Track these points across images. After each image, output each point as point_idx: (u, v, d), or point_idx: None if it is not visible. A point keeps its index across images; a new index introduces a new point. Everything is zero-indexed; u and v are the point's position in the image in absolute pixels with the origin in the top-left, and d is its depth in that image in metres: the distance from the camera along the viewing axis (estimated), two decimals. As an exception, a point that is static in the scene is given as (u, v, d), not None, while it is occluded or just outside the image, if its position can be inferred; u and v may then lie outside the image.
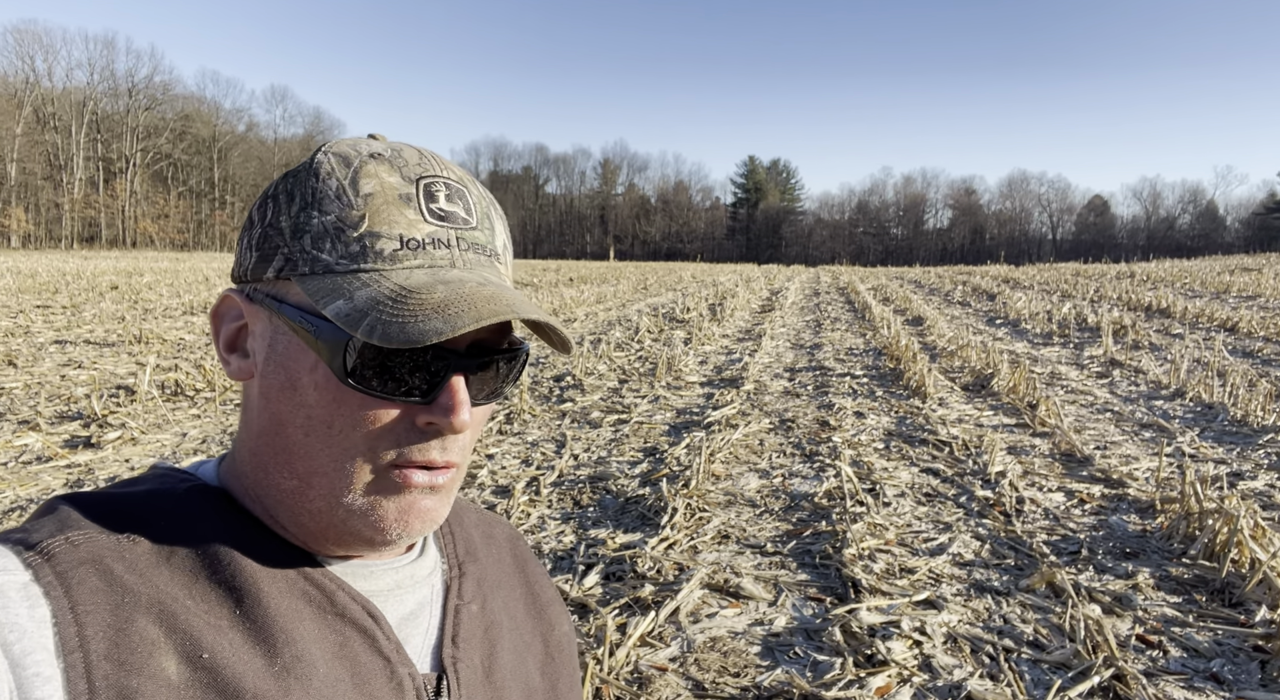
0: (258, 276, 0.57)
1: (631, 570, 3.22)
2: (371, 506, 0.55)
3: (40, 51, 70.63)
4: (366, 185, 0.55)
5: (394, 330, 0.50)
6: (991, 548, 3.54)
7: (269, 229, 0.56)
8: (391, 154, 0.57)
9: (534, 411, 6.02)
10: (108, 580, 0.48)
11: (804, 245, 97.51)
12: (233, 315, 0.59)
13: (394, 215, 0.55)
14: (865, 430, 5.67)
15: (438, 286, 0.53)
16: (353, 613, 0.57)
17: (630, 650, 2.61)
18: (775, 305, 16.24)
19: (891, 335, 9.88)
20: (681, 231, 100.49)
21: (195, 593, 0.51)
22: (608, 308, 15.65)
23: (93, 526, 0.51)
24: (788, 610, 2.95)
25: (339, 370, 0.53)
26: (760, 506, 4.08)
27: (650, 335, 10.78)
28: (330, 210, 0.55)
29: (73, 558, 0.48)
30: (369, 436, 0.55)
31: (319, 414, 0.54)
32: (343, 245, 0.54)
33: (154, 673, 0.47)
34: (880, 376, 7.86)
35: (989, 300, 17.15)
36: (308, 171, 0.56)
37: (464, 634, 0.65)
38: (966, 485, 4.40)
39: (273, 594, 0.54)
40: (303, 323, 0.54)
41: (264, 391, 0.56)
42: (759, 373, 8.02)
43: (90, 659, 0.45)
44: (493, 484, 4.33)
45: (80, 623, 0.46)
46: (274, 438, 0.56)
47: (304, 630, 0.54)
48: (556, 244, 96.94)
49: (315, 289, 0.54)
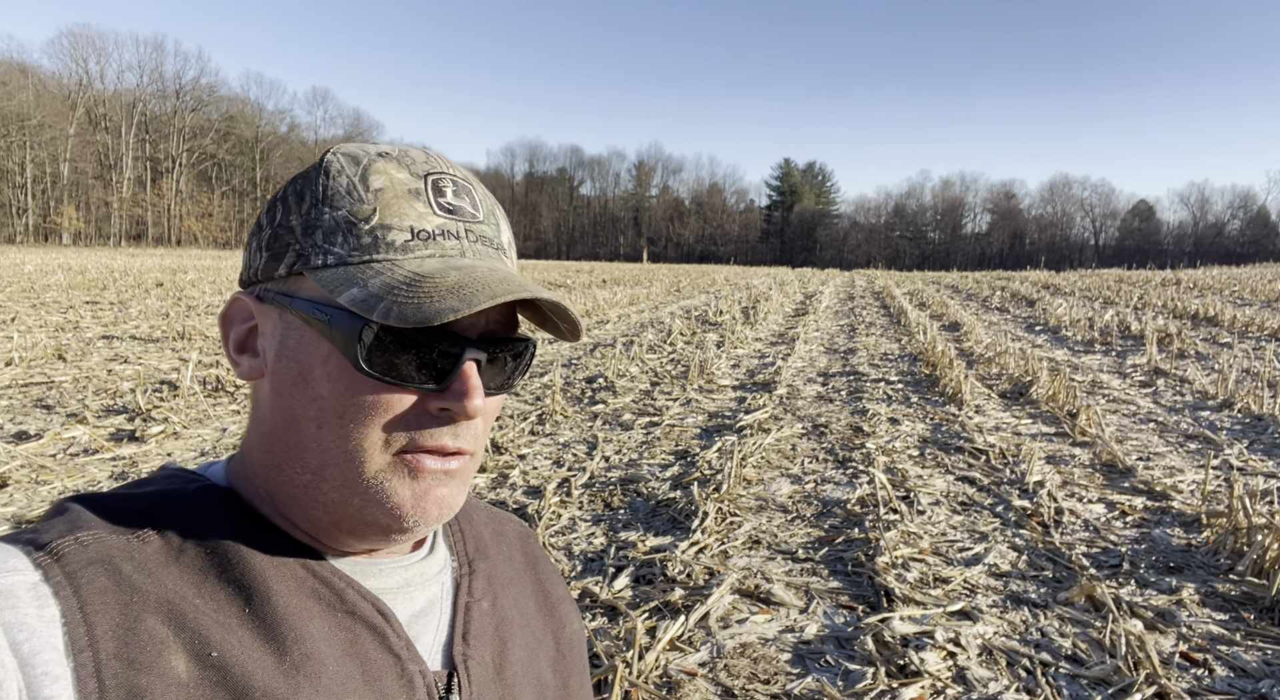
0: (268, 275, 0.58)
1: (662, 574, 3.21)
2: (386, 494, 0.56)
3: (93, 54, 72.80)
4: (376, 181, 0.56)
5: (409, 310, 0.51)
6: (1029, 559, 3.47)
7: (279, 229, 0.57)
8: (399, 153, 0.59)
9: (566, 413, 6.04)
10: (116, 580, 0.48)
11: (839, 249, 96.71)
12: (242, 317, 0.60)
13: (404, 208, 0.56)
14: (899, 437, 5.59)
15: (450, 271, 0.54)
16: (362, 610, 0.57)
17: (659, 654, 2.60)
18: (809, 309, 16.12)
19: (927, 341, 9.75)
20: (715, 234, 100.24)
21: (204, 592, 0.52)
22: (640, 310, 15.66)
23: (102, 527, 0.52)
24: (819, 618, 2.92)
25: (354, 358, 0.54)
26: (792, 512, 4.04)
27: (683, 338, 10.76)
28: (341, 206, 0.55)
29: (82, 558, 0.48)
30: (382, 425, 0.55)
31: (331, 405, 0.55)
32: (354, 238, 0.55)
33: (163, 671, 0.47)
34: (915, 382, 7.76)
35: (1028, 306, 16.85)
36: (317, 171, 0.57)
37: (475, 631, 0.65)
38: (1003, 494, 4.32)
39: (281, 592, 0.54)
40: (316, 314, 0.54)
41: (275, 388, 0.57)
42: (792, 377, 7.97)
43: (100, 658, 0.45)
44: (524, 484, 4.35)
45: (89, 622, 0.46)
46: (286, 433, 0.56)
47: (313, 628, 0.54)
48: (590, 246, 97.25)
49: (329, 280, 0.54)
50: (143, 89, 74.58)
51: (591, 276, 29.28)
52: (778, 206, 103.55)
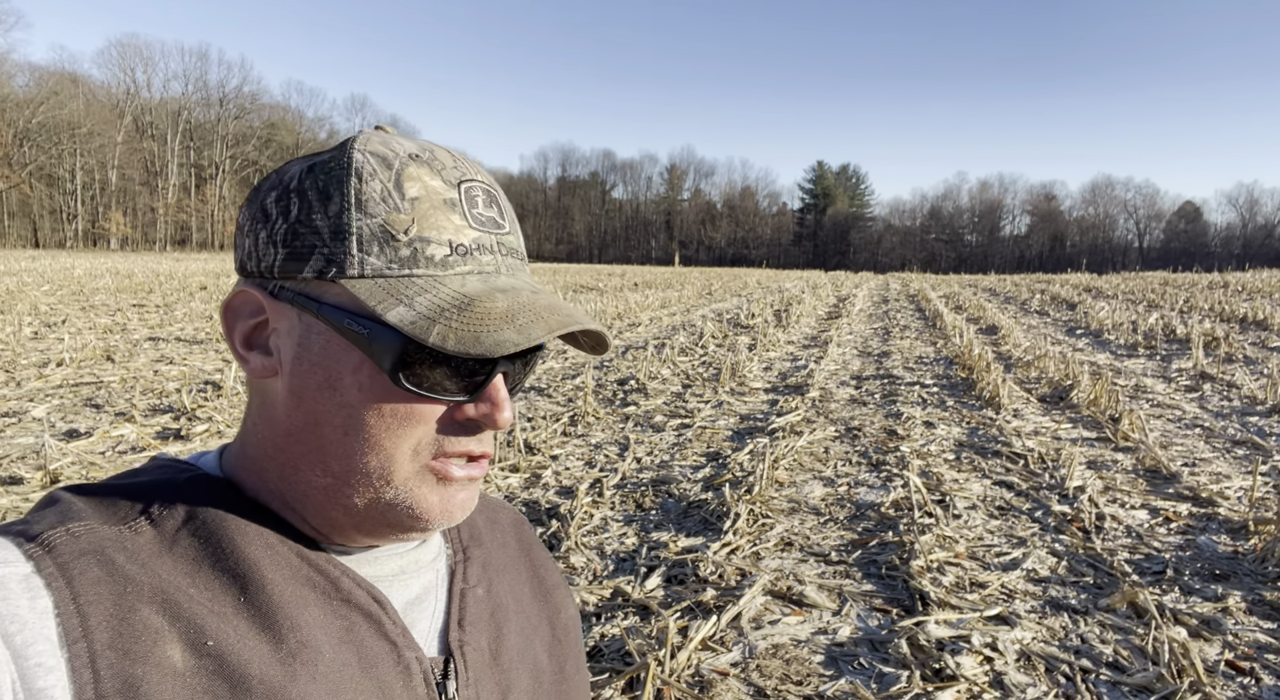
0: (288, 274, 0.55)
1: (693, 574, 3.21)
2: (415, 501, 0.56)
3: (140, 64, 74.89)
4: (411, 189, 0.55)
5: (467, 339, 0.52)
6: (1069, 564, 3.41)
7: (298, 226, 0.55)
8: (428, 156, 0.57)
9: (597, 414, 6.06)
10: (109, 570, 0.48)
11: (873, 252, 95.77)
12: (249, 311, 0.58)
13: (441, 221, 0.55)
14: (935, 440, 5.52)
15: (496, 295, 0.55)
16: (358, 598, 0.57)
17: (692, 653, 2.60)
18: (842, 312, 15.99)
19: (964, 344, 9.61)
20: (747, 237, 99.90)
21: (198, 581, 0.51)
22: (672, 312, 15.66)
23: (94, 517, 0.51)
24: (852, 620, 2.90)
25: (393, 373, 0.53)
26: (825, 515, 4.02)
27: (714, 340, 10.74)
28: (376, 213, 0.54)
29: (74, 549, 0.48)
30: (413, 434, 0.55)
31: (361, 413, 0.54)
32: (392, 250, 0.54)
33: (159, 661, 0.47)
34: (951, 386, 7.65)
35: (1069, 309, 16.52)
36: (344, 171, 0.55)
37: (470, 617, 0.65)
38: (1042, 500, 4.24)
39: (276, 581, 0.54)
40: (351, 325, 0.53)
41: (296, 390, 0.56)
42: (825, 380, 7.91)
43: (94, 648, 0.45)
44: (556, 485, 4.38)
45: (83, 613, 0.46)
46: (307, 436, 0.56)
47: (309, 616, 0.54)
48: (622, 249, 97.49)
49: (369, 292, 0.53)
50: (188, 97, 76.54)
51: (623, 280, 29.35)
52: (810, 209, 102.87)
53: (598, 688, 2.37)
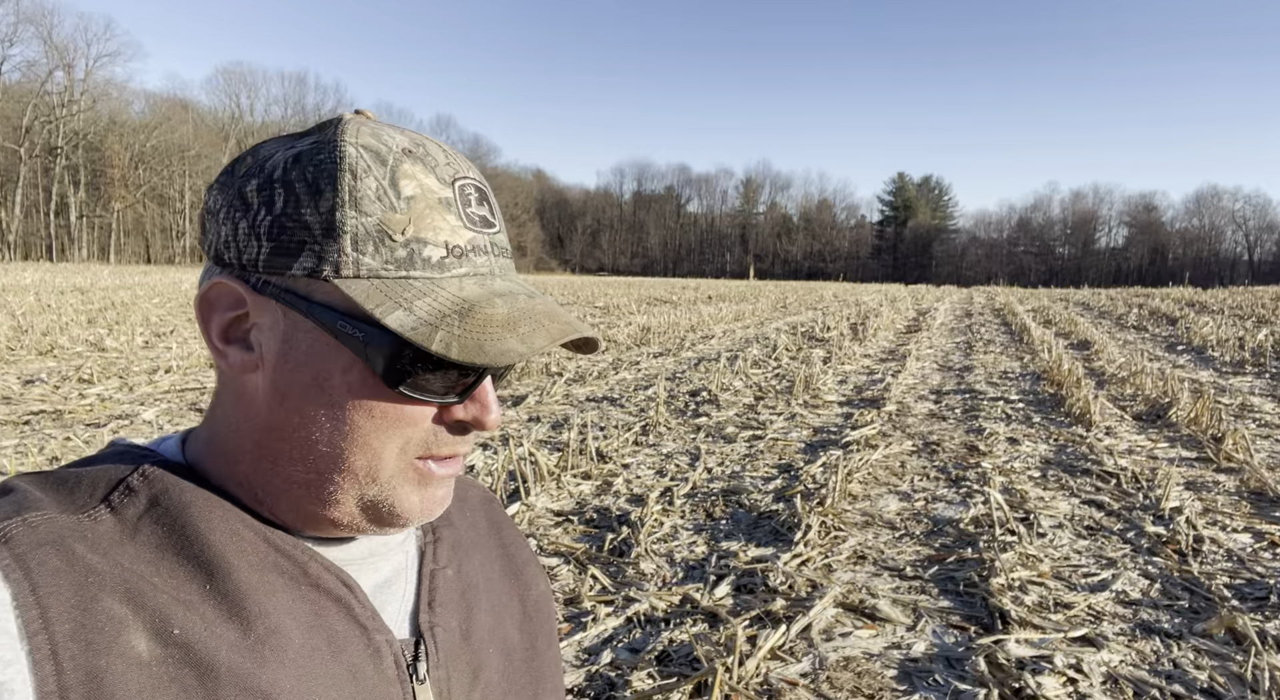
0: (274, 269, 0.53)
1: (763, 584, 3.19)
2: (396, 499, 0.56)
3: (244, 89, 79.44)
4: (407, 187, 0.53)
5: (471, 348, 0.51)
6: (1162, 587, 3.24)
7: (284, 220, 0.53)
8: (420, 151, 0.56)
9: (669, 424, 6.09)
10: (69, 560, 0.47)
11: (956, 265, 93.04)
12: (227, 304, 0.55)
13: (437, 221, 0.54)
14: (1019, 457, 5.33)
15: (495, 300, 0.54)
16: (326, 582, 0.57)
17: (760, 662, 2.58)
18: (922, 325, 15.58)
19: (1052, 359, 9.24)
20: (824, 250, 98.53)
21: (162, 569, 0.50)
22: (745, 325, 15.57)
23: (52, 506, 0.50)
24: (927, 636, 2.83)
25: (388, 377, 0.53)
26: (900, 529, 3.93)
27: (788, 353, 10.63)
28: (371, 212, 0.52)
29: (31, 539, 0.46)
30: (402, 434, 0.55)
31: (350, 414, 0.54)
32: (388, 250, 0.53)
33: (123, 651, 0.46)
34: (1038, 402, 7.37)
35: (1169, 324, 15.68)
36: (335, 165, 0.53)
37: (440, 598, 0.65)
38: (1135, 520, 4.04)
39: (242, 568, 0.53)
40: (345, 326, 0.52)
41: (279, 388, 0.54)
42: (902, 394, 7.73)
43: (56, 640, 0.44)
44: (627, 492, 4.41)
45: (43, 605, 0.44)
46: (291, 433, 0.55)
47: (277, 602, 0.53)
48: (696, 263, 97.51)
49: (364, 294, 0.52)
50: (286, 120, 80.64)
51: (697, 293, 29.35)
52: (890, 222, 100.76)
53: (664, 691, 2.38)
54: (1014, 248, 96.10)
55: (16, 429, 5.32)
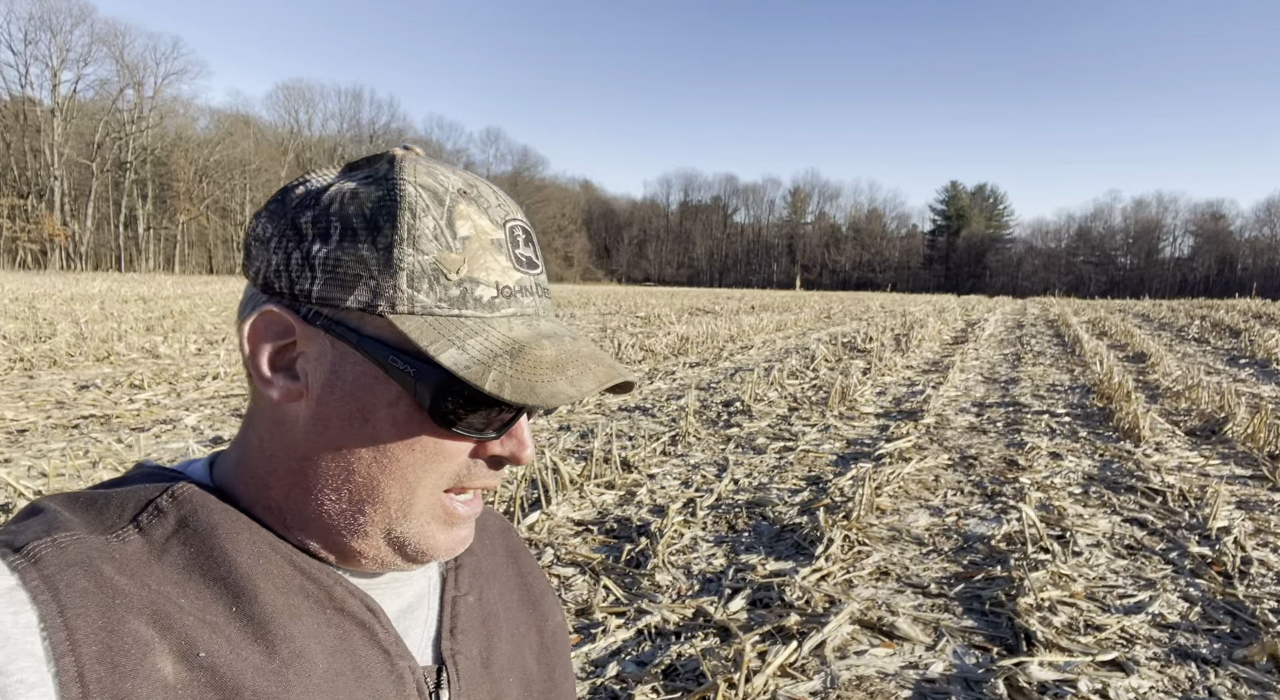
0: (327, 301, 0.54)
1: (779, 598, 3.12)
2: (423, 537, 0.57)
3: (303, 105, 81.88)
4: (463, 228, 0.55)
5: (524, 389, 0.52)
6: (1203, 611, 3.08)
7: (341, 253, 0.53)
8: (474, 193, 0.57)
9: (699, 434, 6.03)
10: (97, 582, 0.47)
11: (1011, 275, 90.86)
12: (277, 331, 0.55)
13: (489, 261, 0.55)
14: (1060, 472, 5.14)
15: (543, 341, 0.55)
16: (351, 607, 0.57)
17: (769, 679, 2.52)
18: (969, 337, 15.22)
19: (1103, 371, 8.92)
20: (873, 260, 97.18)
21: (189, 591, 0.50)
22: (786, 336, 15.41)
23: (80, 527, 0.50)
24: (947, 656, 2.73)
25: (436, 412, 0.54)
26: (928, 545, 3.81)
27: (827, 364, 10.47)
28: (428, 251, 0.53)
29: (60, 560, 0.47)
30: (439, 468, 0.56)
31: (390, 446, 0.55)
32: (442, 288, 0.54)
33: (149, 674, 0.46)
34: (1086, 416, 7.11)
35: (1232, 337, 15.05)
36: (395, 203, 0.54)
37: (462, 626, 0.65)
38: (1179, 540, 3.86)
39: (268, 590, 0.53)
40: (396, 361, 0.53)
41: (321, 418, 0.55)
42: (942, 406, 7.54)
43: (82, 662, 0.44)
44: (650, 503, 4.37)
45: (70, 627, 0.44)
46: (330, 463, 0.55)
47: (302, 626, 0.53)
48: (743, 273, 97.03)
49: (418, 331, 0.53)
50: (342, 135, 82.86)
51: (741, 303, 29.17)
52: (942, 231, 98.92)
53: (666, 706, 2.34)
54: (1073, 258, 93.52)
55: (66, 433, 5.52)
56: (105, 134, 61.74)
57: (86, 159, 60.73)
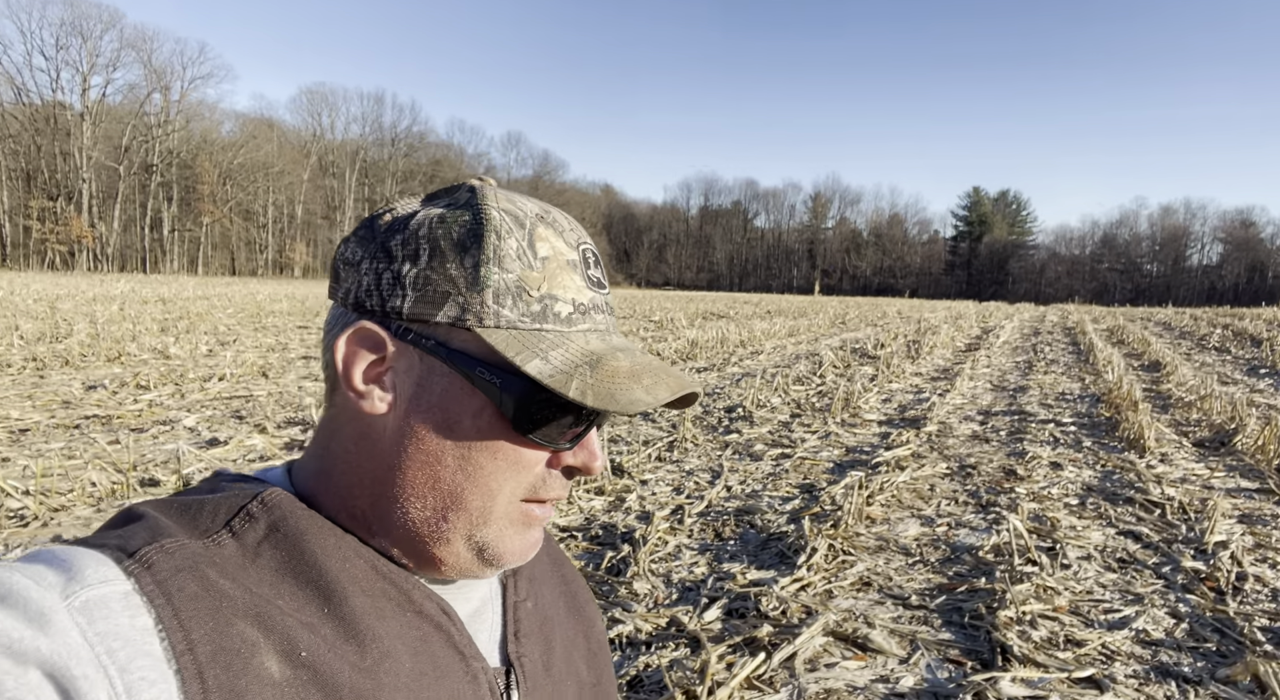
0: (418, 317, 0.57)
1: (755, 609, 3.09)
2: (501, 541, 0.60)
3: (325, 109, 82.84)
4: (542, 248, 0.58)
5: (604, 396, 0.55)
6: (1190, 627, 3.01)
7: (430, 273, 0.57)
8: (550, 218, 0.61)
9: (696, 440, 6.00)
10: (205, 586, 0.49)
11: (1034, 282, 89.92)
12: (370, 346, 0.58)
13: (565, 280, 0.59)
14: (1059, 483, 5.06)
15: (618, 354, 0.59)
16: (429, 610, 0.59)
17: (735, 691, 2.49)
18: (982, 344, 15.05)
19: (1114, 380, 8.78)
20: (895, 266, 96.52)
21: (283, 592, 0.53)
22: (798, 341, 15.32)
23: (181, 533, 0.52)
24: (920, 670, 2.69)
25: (520, 422, 0.57)
26: (914, 556, 3.76)
27: (835, 370, 10.39)
28: (512, 269, 0.57)
29: (170, 565, 0.49)
30: (518, 477, 0.59)
31: (477, 455, 0.57)
32: (524, 304, 0.57)
33: (257, 673, 0.48)
34: (1092, 425, 7.00)
35: (1254, 346, 14.77)
36: (482, 226, 0.57)
37: (524, 630, 0.68)
38: (1174, 554, 3.78)
39: (355, 593, 0.55)
40: (483, 373, 0.56)
41: (409, 429, 0.57)
42: (946, 414, 7.45)
43: (200, 661, 0.47)
44: (639, 509, 4.35)
45: (185, 628, 0.47)
46: (417, 472, 0.58)
47: (387, 627, 0.56)
48: (763, 277, 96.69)
49: (504, 343, 0.56)
50: (364, 138, 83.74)
51: (756, 308, 29.08)
52: (964, 237, 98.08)
53: (625, 716, 2.31)
54: (1097, 264, 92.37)
55: (67, 432, 5.59)
56: (132, 137, 62.78)
57: (114, 162, 61.77)
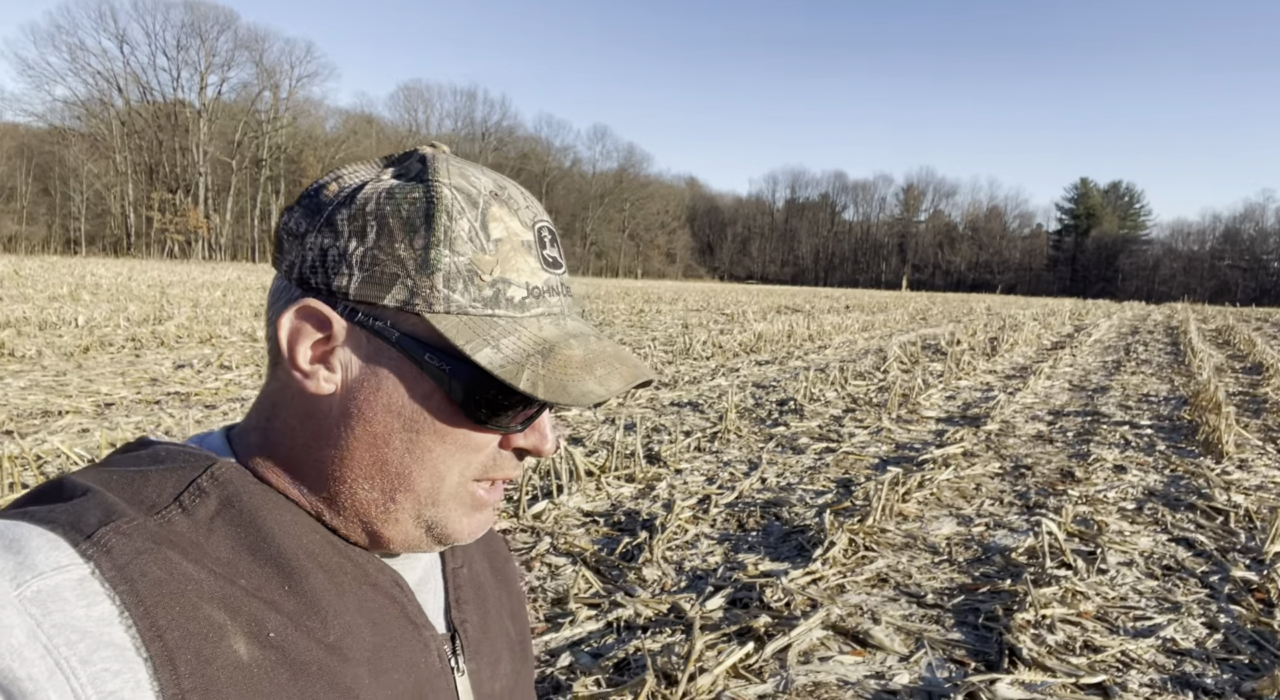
0: (365, 299, 0.55)
1: (758, 599, 3.07)
2: (449, 521, 0.60)
3: (421, 105, 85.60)
4: (495, 230, 0.56)
5: (555, 388, 0.54)
6: (1225, 638, 2.82)
7: (378, 253, 0.54)
8: (504, 194, 0.58)
9: (740, 432, 5.96)
10: (167, 569, 0.48)
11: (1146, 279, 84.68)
12: (316, 323, 0.56)
13: (519, 263, 0.57)
14: (1118, 486, 4.80)
15: (571, 341, 0.57)
16: (383, 582, 0.60)
17: (718, 678, 2.49)
18: (1071, 342, 14.32)
19: (1203, 382, 8.23)
20: (991, 261, 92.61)
21: (241, 570, 0.52)
22: (870, 336, 14.95)
23: (131, 510, 0.50)
24: (919, 669, 2.62)
25: (469, 409, 0.56)
26: (942, 554, 3.65)
27: (900, 365, 10.10)
28: (463, 252, 0.55)
29: (130, 548, 0.47)
30: (465, 459, 0.58)
31: (423, 438, 0.56)
32: (476, 289, 0.55)
33: (227, 656, 0.47)
34: (1171, 429, 6.59)
35: (1381, 348, 13.53)
36: (431, 205, 0.55)
37: (464, 596, 0.70)
38: (1226, 563, 3.54)
39: (313, 569, 0.55)
40: (431, 359, 0.55)
41: (359, 412, 0.56)
42: (1012, 413, 7.15)
43: (170, 648, 0.45)
44: (666, 498, 4.36)
45: (151, 615, 0.46)
46: (362, 454, 0.57)
47: (346, 602, 0.56)
48: (849, 272, 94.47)
49: (454, 330, 0.54)
50: (457, 133, 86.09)
51: (835, 303, 28.49)
52: (1070, 231, 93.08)
53: (601, 699, 2.35)
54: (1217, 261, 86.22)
55: (147, 407, 6.02)
56: (244, 133, 66.46)
57: (228, 157, 65.58)
